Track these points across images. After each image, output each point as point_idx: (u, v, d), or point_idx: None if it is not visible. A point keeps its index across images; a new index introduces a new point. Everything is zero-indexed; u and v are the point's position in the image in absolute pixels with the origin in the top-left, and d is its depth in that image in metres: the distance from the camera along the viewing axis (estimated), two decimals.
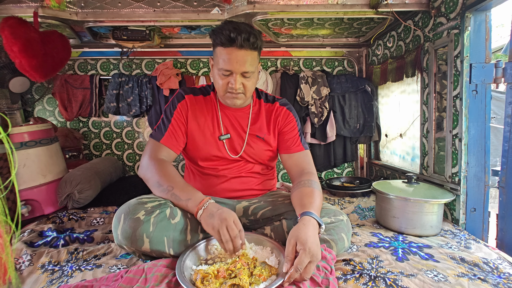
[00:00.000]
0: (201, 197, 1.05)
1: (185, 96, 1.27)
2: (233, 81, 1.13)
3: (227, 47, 1.09)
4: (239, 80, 1.13)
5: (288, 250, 0.90)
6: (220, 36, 1.09)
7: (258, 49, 1.15)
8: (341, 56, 2.48)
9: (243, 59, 1.10)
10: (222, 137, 1.28)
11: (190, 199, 1.04)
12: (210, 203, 1.03)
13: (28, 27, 1.55)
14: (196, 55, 2.43)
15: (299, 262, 0.85)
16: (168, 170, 1.13)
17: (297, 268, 0.84)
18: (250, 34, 1.09)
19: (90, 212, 1.68)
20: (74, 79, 2.33)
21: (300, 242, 0.89)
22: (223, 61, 1.11)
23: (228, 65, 1.11)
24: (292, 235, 0.92)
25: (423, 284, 0.90)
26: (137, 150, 2.51)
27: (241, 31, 1.07)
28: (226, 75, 1.14)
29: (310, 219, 0.97)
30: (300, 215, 1.01)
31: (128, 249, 1.03)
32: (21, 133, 1.62)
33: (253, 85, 1.20)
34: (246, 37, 1.08)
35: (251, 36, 1.09)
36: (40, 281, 0.98)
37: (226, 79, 1.14)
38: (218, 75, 1.15)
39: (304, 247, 0.87)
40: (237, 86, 1.13)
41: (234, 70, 1.11)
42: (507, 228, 1.25)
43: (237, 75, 1.13)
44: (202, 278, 0.86)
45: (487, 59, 1.34)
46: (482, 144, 1.37)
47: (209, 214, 0.99)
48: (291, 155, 1.29)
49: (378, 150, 2.45)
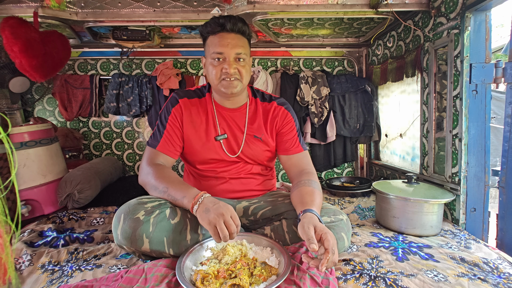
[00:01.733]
0: (196, 192, 1.03)
1: (179, 100, 1.26)
2: (227, 65, 1.14)
3: (217, 33, 1.15)
4: (233, 64, 1.15)
5: (310, 234, 0.88)
6: (209, 25, 1.15)
7: (247, 37, 1.20)
8: (341, 56, 2.48)
9: (233, 41, 1.15)
10: (219, 137, 1.26)
11: (185, 196, 1.02)
12: (206, 197, 1.00)
13: (28, 27, 1.55)
14: (196, 55, 2.43)
15: (331, 244, 0.85)
16: (163, 172, 1.12)
17: (332, 250, 0.84)
18: (238, 20, 1.16)
19: (90, 212, 1.68)
20: (74, 79, 2.33)
21: (319, 229, 0.89)
22: (215, 45, 1.14)
23: (219, 48, 1.13)
24: (308, 223, 0.92)
25: (423, 284, 0.90)
26: (137, 150, 2.51)
27: (229, 18, 1.14)
28: (219, 60, 1.15)
29: (313, 216, 0.97)
30: (301, 212, 1.00)
31: (128, 249, 1.03)
32: (21, 133, 1.62)
33: (248, 73, 1.21)
34: (234, 21, 1.15)
35: (239, 21, 1.16)
36: (40, 281, 0.98)
37: (219, 65, 1.15)
38: (211, 63, 1.17)
39: (326, 231, 0.88)
40: (231, 70, 1.14)
41: (226, 52, 1.14)
42: (507, 228, 1.25)
43: (230, 58, 1.14)
44: (202, 279, 0.86)
45: (487, 59, 1.34)
46: (482, 144, 1.37)
47: (205, 209, 0.96)
48: (290, 156, 1.29)
49: (378, 150, 2.45)
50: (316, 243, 0.85)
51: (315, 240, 0.86)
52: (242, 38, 1.17)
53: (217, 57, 1.14)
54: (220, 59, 1.14)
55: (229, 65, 1.14)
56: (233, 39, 1.14)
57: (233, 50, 1.13)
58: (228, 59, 1.14)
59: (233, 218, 0.95)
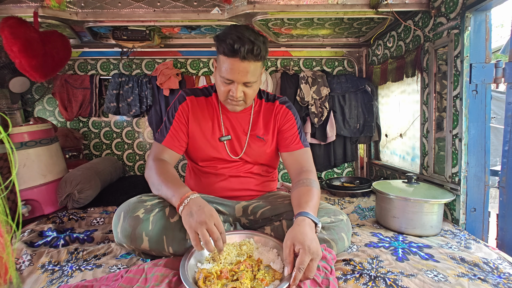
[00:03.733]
0: (184, 191, 1.01)
1: (186, 97, 1.28)
2: (234, 90, 1.13)
3: (229, 57, 1.07)
4: (240, 89, 1.13)
5: (286, 253, 0.88)
6: (223, 45, 1.06)
7: (262, 59, 1.12)
8: (341, 56, 2.48)
9: (245, 70, 1.09)
10: (223, 138, 1.28)
11: (174, 195, 1.02)
12: (192, 199, 0.98)
13: (28, 27, 1.55)
14: (196, 55, 2.43)
15: (301, 261, 0.84)
16: (162, 169, 1.13)
17: (300, 268, 0.83)
18: (253, 44, 1.04)
19: (90, 212, 1.68)
20: (74, 79, 2.33)
21: (298, 242, 0.88)
22: (225, 70, 1.10)
23: (229, 75, 1.10)
24: (288, 237, 0.91)
25: (423, 284, 0.90)
26: (137, 150, 2.51)
27: (244, 42, 1.03)
28: (228, 83, 1.13)
29: (304, 219, 0.97)
30: (295, 216, 1.00)
31: (128, 247, 1.03)
32: (21, 133, 1.62)
33: (254, 92, 1.20)
34: (250, 48, 1.04)
35: (255, 47, 1.05)
36: (40, 281, 0.98)
37: (227, 87, 1.14)
38: (220, 81, 1.15)
39: (303, 246, 0.86)
40: (237, 95, 1.13)
41: (235, 80, 1.11)
42: (507, 228, 1.25)
43: (238, 84, 1.12)
44: (204, 278, 0.85)
45: (487, 59, 1.34)
46: (482, 144, 1.37)
47: (189, 212, 0.94)
48: (291, 153, 1.29)
49: (378, 150, 2.45)
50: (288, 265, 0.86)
51: (288, 262, 0.87)
52: (255, 64, 1.10)
53: (226, 81, 1.13)
54: (229, 83, 1.13)
55: (236, 90, 1.12)
56: (244, 68, 1.08)
57: (242, 79, 1.10)
58: (236, 85, 1.12)
59: (217, 225, 0.93)
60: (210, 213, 0.94)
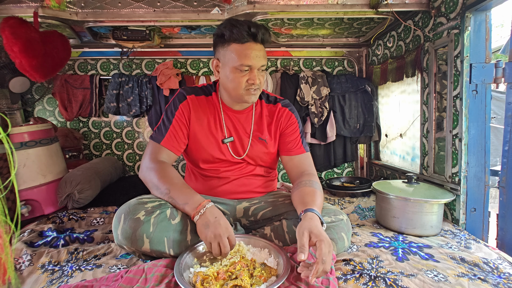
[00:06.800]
0: (199, 201, 1.02)
1: (186, 96, 1.24)
2: (254, 76, 1.12)
3: (245, 42, 1.09)
4: (258, 75, 1.14)
5: (303, 242, 0.87)
6: (235, 32, 1.08)
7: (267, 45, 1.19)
8: (341, 56, 2.48)
9: (261, 53, 1.12)
10: (226, 140, 1.26)
11: (187, 203, 1.02)
12: (208, 209, 1.00)
13: (28, 27, 1.55)
14: (196, 55, 2.43)
15: (323, 253, 0.83)
16: (166, 172, 1.11)
17: (323, 260, 0.83)
18: (265, 30, 1.12)
19: (90, 212, 1.67)
20: (74, 79, 2.33)
21: (314, 235, 0.88)
22: (242, 57, 1.09)
23: (247, 60, 1.09)
24: (304, 228, 0.90)
25: (423, 284, 0.90)
26: (137, 150, 2.51)
27: (259, 27, 1.10)
28: (245, 71, 1.12)
29: (313, 215, 0.97)
30: (303, 211, 1.00)
31: (128, 249, 1.03)
32: (21, 133, 1.62)
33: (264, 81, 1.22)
34: (264, 32, 1.11)
35: (267, 31, 1.13)
36: (40, 281, 0.98)
37: (244, 76, 1.12)
38: (235, 72, 1.12)
39: (321, 238, 0.86)
40: (258, 80, 1.14)
41: (254, 65, 1.11)
42: (507, 228, 1.25)
43: (256, 70, 1.13)
44: (202, 280, 0.86)
45: (487, 59, 1.34)
46: (482, 144, 1.37)
47: (205, 223, 0.97)
48: (292, 157, 1.28)
49: (378, 150, 2.45)
50: (305, 252, 0.84)
51: (306, 249, 0.85)
52: (264, 48, 1.15)
53: (245, 69, 1.11)
54: (247, 70, 1.13)
55: (255, 76, 1.12)
56: (260, 51, 1.12)
57: (260, 62, 1.12)
58: (254, 71, 1.12)
59: (230, 239, 0.96)
60: (225, 226, 0.97)
